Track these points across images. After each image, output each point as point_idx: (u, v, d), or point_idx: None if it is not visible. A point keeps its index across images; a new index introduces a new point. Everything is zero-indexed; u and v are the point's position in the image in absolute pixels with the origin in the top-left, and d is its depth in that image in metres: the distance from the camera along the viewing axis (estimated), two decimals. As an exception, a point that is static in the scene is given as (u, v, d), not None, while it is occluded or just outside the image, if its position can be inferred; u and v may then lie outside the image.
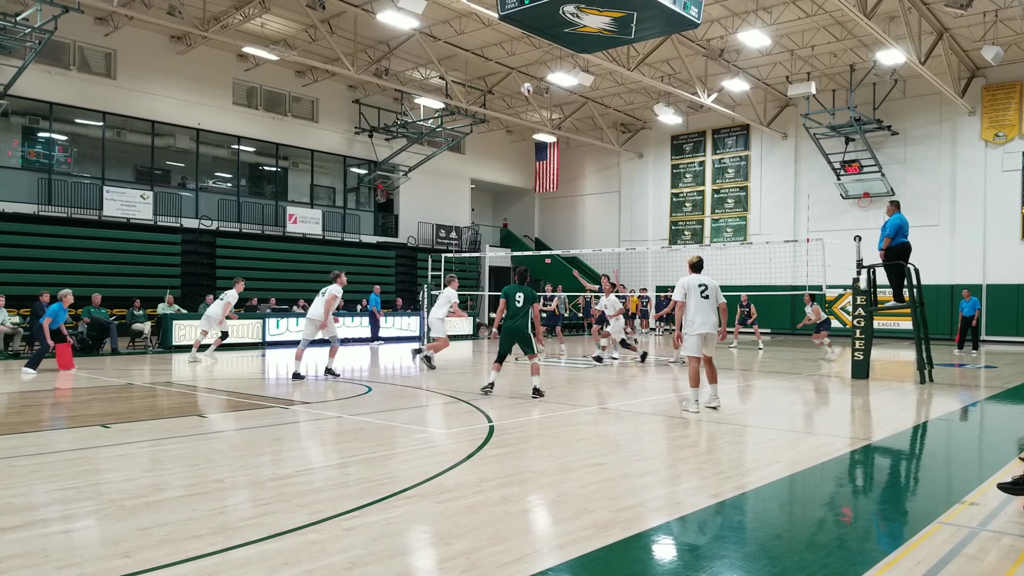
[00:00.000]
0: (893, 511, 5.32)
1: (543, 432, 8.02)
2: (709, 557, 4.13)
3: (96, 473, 5.93)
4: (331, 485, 5.55)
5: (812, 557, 4.16)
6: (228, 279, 24.82)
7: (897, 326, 25.85)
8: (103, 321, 17.83)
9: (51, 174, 22.51)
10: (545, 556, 4.08)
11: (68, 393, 10.68)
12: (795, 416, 9.86)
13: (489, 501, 5.11)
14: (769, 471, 6.18)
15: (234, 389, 11.35)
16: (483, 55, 26.31)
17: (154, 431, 7.70)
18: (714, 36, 23.95)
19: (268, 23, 23.61)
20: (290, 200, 28.73)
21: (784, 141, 31.14)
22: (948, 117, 27.30)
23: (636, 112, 33.29)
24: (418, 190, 32.34)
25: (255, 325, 20.67)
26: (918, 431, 8.72)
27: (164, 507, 4.89)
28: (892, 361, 18.17)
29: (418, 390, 11.34)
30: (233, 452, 6.73)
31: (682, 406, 9.58)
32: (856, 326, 13.56)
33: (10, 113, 21.89)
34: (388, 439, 7.56)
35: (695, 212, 33.76)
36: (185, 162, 26.21)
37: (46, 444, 7.14)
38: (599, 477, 5.90)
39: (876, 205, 27.84)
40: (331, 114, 29.57)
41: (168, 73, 24.68)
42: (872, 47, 23.74)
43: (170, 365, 15.34)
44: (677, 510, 5.00)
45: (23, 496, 5.16)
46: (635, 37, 10.39)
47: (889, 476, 6.65)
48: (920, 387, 12.43)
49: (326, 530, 4.44)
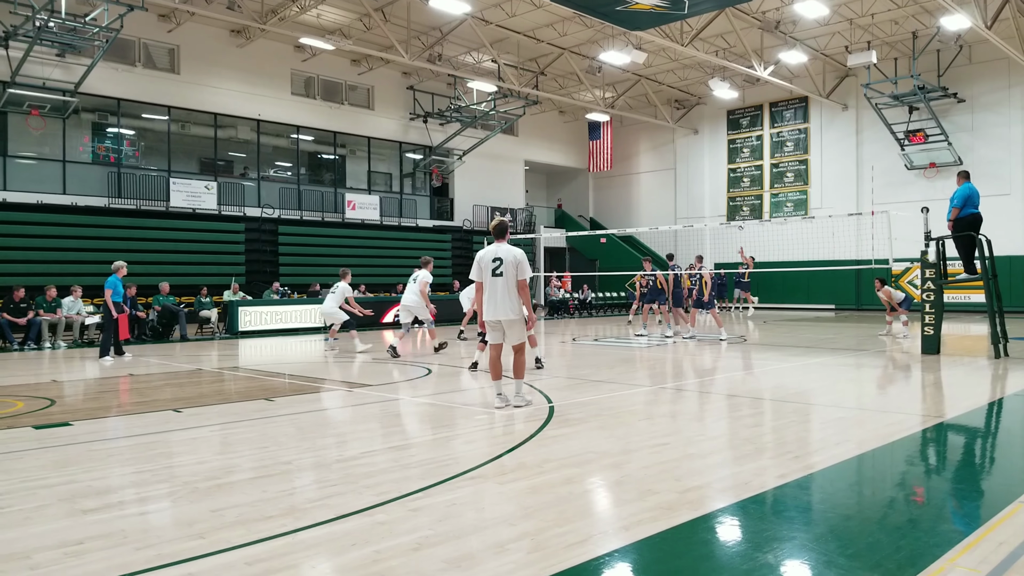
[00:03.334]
0: (970, 491, 5.16)
1: (604, 412, 7.99)
2: (778, 539, 4.06)
3: (170, 456, 6.11)
4: (395, 466, 5.62)
5: (885, 539, 4.04)
6: (291, 266, 25.43)
7: (968, 299, 25.02)
8: (172, 309, 18.37)
9: (120, 168, 23.23)
10: (610, 537, 4.06)
11: (141, 379, 11.04)
12: (863, 394, 9.62)
13: (552, 482, 5.11)
14: (838, 451, 6.04)
15: (299, 372, 11.58)
16: (535, 36, 26.14)
17: (223, 415, 7.91)
18: (769, 8, 23.34)
19: (324, 14, 23.86)
20: (348, 187, 29.12)
21: (844, 112, 30.27)
22: (1017, 82, 26.18)
23: (690, 88, 32.72)
24: (472, 173, 32.43)
25: (316, 310, 21.00)
26: (993, 407, 8.43)
27: (235, 489, 5.02)
28: (964, 336, 17.60)
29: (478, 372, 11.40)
30: (299, 434, 6.87)
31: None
32: (926, 300, 13.17)
33: (80, 110, 22.62)
34: (449, 420, 7.62)
35: (754, 187, 33.11)
36: (247, 152, 26.76)
37: (122, 429, 7.39)
38: (662, 458, 5.85)
39: (943, 175, 26.91)
40: (386, 101, 29.80)
41: (229, 66, 25.17)
42: (935, 13, 22.83)
43: (236, 350, 15.73)
44: (744, 491, 4.92)
45: (102, 479, 5.36)
46: (688, 12, 10.23)
47: (964, 455, 6.45)
48: (995, 362, 12.01)
49: (392, 511, 4.50)
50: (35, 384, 10.58)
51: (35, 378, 11.35)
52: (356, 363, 12.91)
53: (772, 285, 30.14)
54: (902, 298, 17.58)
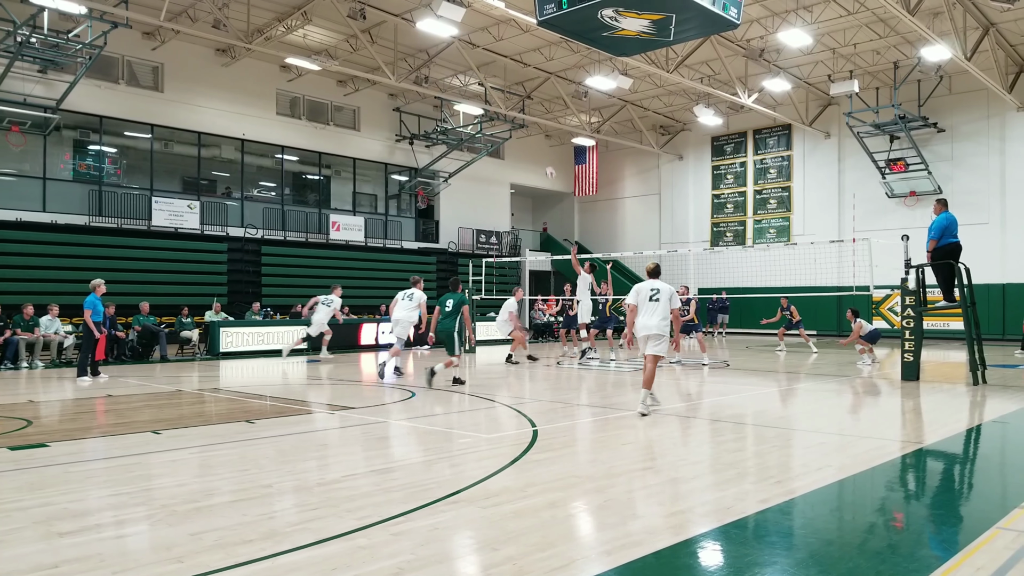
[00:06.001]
0: (949, 516, 5.19)
1: (588, 437, 7.98)
2: (759, 564, 4.06)
3: (148, 478, 6.05)
4: (377, 490, 5.59)
5: (865, 564, 4.07)
6: (274, 287, 25.31)
7: (947, 326, 25.25)
8: (152, 329, 18.21)
9: (101, 186, 23.09)
10: (593, 562, 4.05)
11: (120, 400, 10.92)
12: (844, 419, 9.68)
13: (535, 506, 5.10)
14: (819, 475, 6.07)
15: (281, 394, 11.50)
16: (521, 60, 26.35)
17: (203, 437, 7.83)
18: (754, 36, 23.67)
19: (310, 34, 23.95)
20: (333, 208, 29.09)
21: (827, 140, 30.66)
22: (996, 113, 26.64)
23: (675, 114, 33.05)
24: (458, 196, 32.49)
25: (300, 332, 20.86)
26: (972, 434, 8.50)
27: (215, 512, 4.97)
28: (943, 362, 17.76)
29: (461, 395, 11.37)
30: (280, 457, 6.81)
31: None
32: (905, 327, 13.28)
33: (62, 127, 22.51)
34: (433, 443, 7.60)
35: (737, 213, 33.39)
36: (231, 172, 26.71)
37: (100, 450, 7.30)
38: (645, 482, 5.85)
39: (923, 203, 27.26)
40: (372, 122, 29.88)
41: (213, 85, 25.17)
42: (916, 44, 23.24)
43: (217, 371, 15.61)
44: (726, 516, 4.93)
45: (78, 502, 5.28)
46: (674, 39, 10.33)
47: (943, 480, 6.49)
48: (973, 389, 12.13)
49: (374, 535, 4.47)
50: (11, 404, 10.43)
51: (12, 398, 11.19)
52: (339, 385, 12.83)
53: (754, 311, 30.32)
54: (869, 330, 17.51)
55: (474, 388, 12.17)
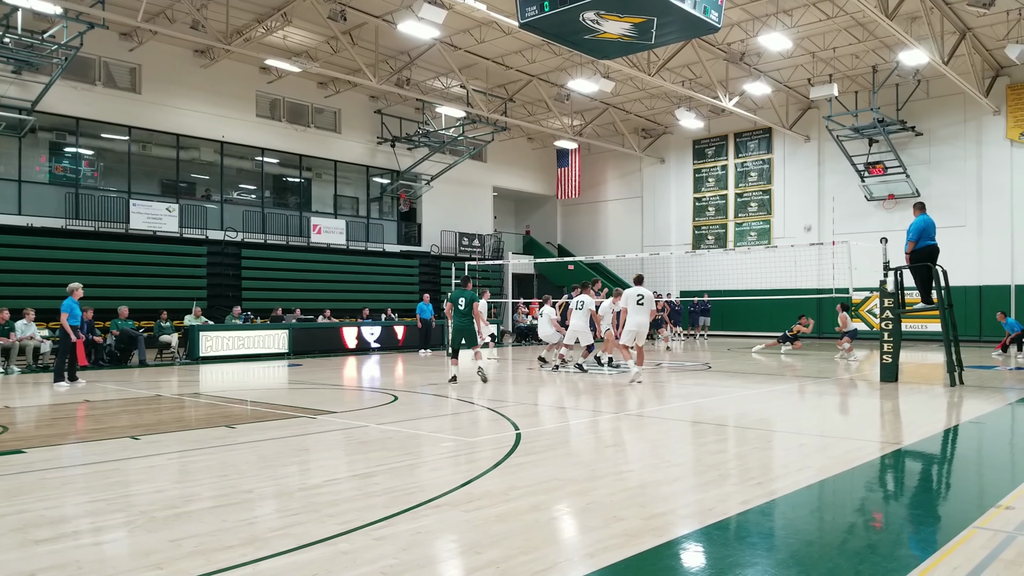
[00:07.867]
0: (927, 516, 5.24)
1: (570, 439, 7.98)
2: (740, 565, 4.08)
3: (126, 485, 5.98)
4: (359, 495, 5.56)
5: (845, 564, 4.10)
6: (254, 290, 25.16)
7: (925, 328, 25.51)
8: (131, 333, 18.03)
9: (78, 188, 22.85)
10: (576, 565, 4.05)
11: (98, 405, 10.80)
12: (824, 420, 9.75)
13: (518, 510, 5.09)
14: (799, 476, 6.11)
15: (261, 399, 11.42)
16: (503, 63, 26.37)
17: (183, 442, 7.76)
18: (735, 40, 23.84)
19: (290, 36, 23.84)
20: (314, 211, 28.96)
21: (807, 144, 30.90)
22: (973, 117, 26.96)
23: (657, 117, 33.20)
24: (440, 199, 32.45)
25: (281, 336, 20.78)
26: (949, 435, 8.58)
27: (194, 518, 4.92)
28: (921, 364, 17.93)
29: (444, 398, 11.34)
30: (261, 462, 6.76)
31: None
32: (884, 329, 13.40)
33: (37, 129, 22.26)
34: (415, 448, 7.57)
35: (718, 216, 33.57)
36: (210, 175, 26.51)
37: (77, 456, 7.22)
38: (628, 484, 5.86)
39: (901, 206, 27.53)
40: (353, 125, 29.77)
41: (192, 87, 24.99)
42: (894, 48, 23.51)
43: (197, 376, 15.48)
44: (707, 517, 4.95)
45: (55, 508, 5.22)
46: (655, 42, 10.39)
47: (921, 480, 6.55)
48: (950, 390, 12.25)
49: (356, 540, 4.44)
50: (-13, 409, 10.29)
51: (-13, 403, 11.04)
52: (320, 390, 12.75)
53: (735, 313, 30.52)
54: (851, 329, 18.09)
55: (456, 391, 12.14)
